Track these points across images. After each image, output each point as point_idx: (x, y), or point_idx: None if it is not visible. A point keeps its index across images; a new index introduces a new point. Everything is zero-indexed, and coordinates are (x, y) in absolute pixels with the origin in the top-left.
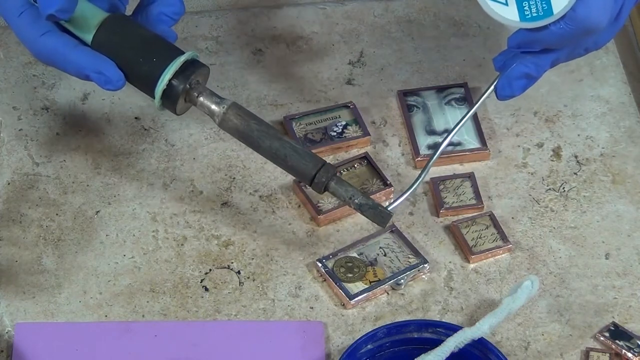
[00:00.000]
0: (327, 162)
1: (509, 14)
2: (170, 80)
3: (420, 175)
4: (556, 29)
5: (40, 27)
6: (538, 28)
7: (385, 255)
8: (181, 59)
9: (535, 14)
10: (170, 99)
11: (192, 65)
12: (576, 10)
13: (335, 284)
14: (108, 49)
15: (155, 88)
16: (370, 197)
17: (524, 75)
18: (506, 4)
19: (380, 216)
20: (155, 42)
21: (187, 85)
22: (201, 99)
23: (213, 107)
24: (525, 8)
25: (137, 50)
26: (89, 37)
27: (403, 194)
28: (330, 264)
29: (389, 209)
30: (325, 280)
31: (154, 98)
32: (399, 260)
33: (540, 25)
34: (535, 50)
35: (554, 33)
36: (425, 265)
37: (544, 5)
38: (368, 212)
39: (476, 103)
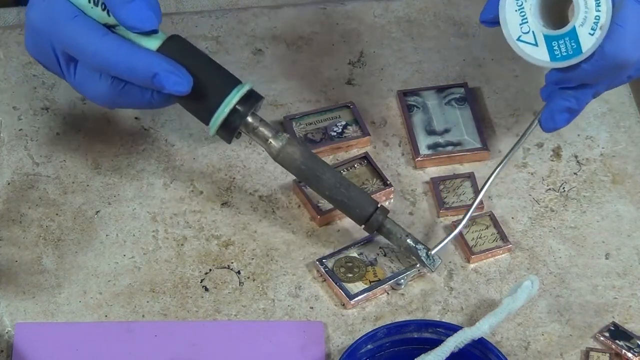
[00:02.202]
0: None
1: (540, 55)
2: (229, 112)
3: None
4: (587, 67)
5: (101, 28)
6: (570, 67)
7: (385, 255)
8: (241, 91)
9: (565, 53)
10: (227, 130)
11: (251, 97)
12: (604, 48)
13: (336, 284)
14: None
15: (213, 115)
16: (419, 241)
17: (566, 109)
18: (536, 44)
19: (431, 260)
20: (214, 69)
21: (247, 118)
22: (258, 131)
23: (271, 139)
24: (555, 48)
25: (198, 74)
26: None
27: (445, 238)
28: (330, 264)
29: (432, 251)
30: (325, 280)
31: (208, 124)
32: (399, 260)
33: (570, 64)
34: (572, 86)
35: (586, 71)
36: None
37: (573, 44)
38: (421, 253)
39: (522, 136)
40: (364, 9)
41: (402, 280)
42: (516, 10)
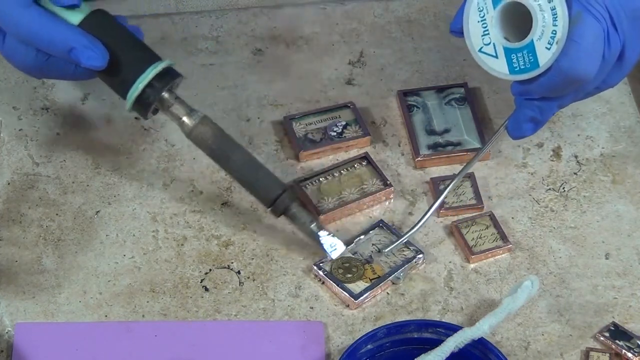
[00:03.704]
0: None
1: (499, 67)
2: (144, 88)
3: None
4: (544, 81)
5: (25, 0)
6: (529, 80)
7: (379, 251)
8: (157, 68)
9: (523, 67)
10: (142, 105)
11: (167, 74)
12: (560, 62)
13: (337, 285)
14: None
15: (128, 91)
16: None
17: (530, 119)
18: (496, 56)
19: (332, 246)
20: (134, 44)
21: (162, 94)
22: (172, 108)
23: (184, 117)
24: (513, 60)
25: (116, 49)
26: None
27: (402, 238)
28: (327, 267)
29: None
30: (324, 283)
31: (125, 99)
32: (394, 254)
33: (528, 77)
34: (535, 97)
35: (543, 84)
36: (420, 256)
37: (531, 58)
38: (323, 240)
39: (488, 143)
40: (364, 9)
41: (401, 275)
42: (478, 22)
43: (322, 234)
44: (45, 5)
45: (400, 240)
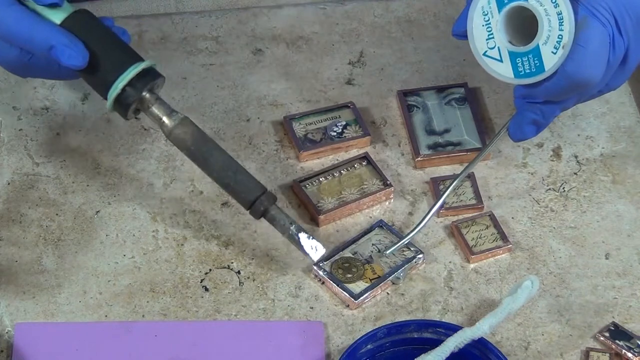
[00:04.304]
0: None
1: (504, 71)
2: (124, 88)
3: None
4: (549, 85)
5: (7, 0)
6: (533, 84)
7: (379, 251)
8: (137, 68)
9: (528, 71)
10: (122, 105)
11: (148, 74)
12: (566, 67)
13: (338, 285)
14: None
15: (108, 91)
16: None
17: (533, 122)
18: (501, 60)
19: (312, 249)
20: (116, 45)
21: (142, 94)
22: (153, 109)
23: (164, 118)
24: (519, 65)
25: (98, 49)
26: (56, 23)
27: (404, 239)
28: (327, 267)
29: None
30: (324, 283)
31: (106, 99)
32: (394, 254)
33: (533, 81)
34: (538, 101)
35: (548, 88)
36: (420, 256)
37: (536, 62)
38: (303, 243)
39: (489, 144)
40: (364, 9)
41: (401, 275)
42: (483, 26)
43: (302, 236)
44: (28, 4)
45: (402, 242)
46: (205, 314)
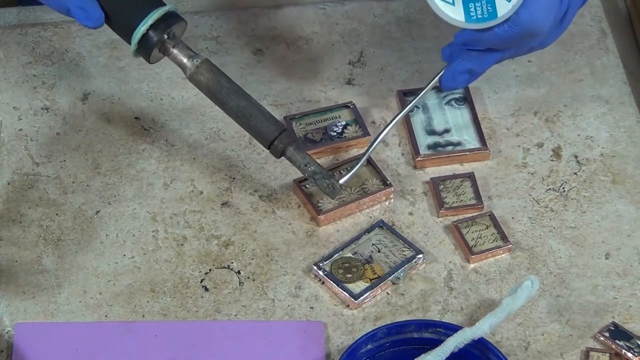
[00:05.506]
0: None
1: (455, 14)
2: (147, 30)
3: (371, 146)
4: (500, 32)
5: None
6: (483, 29)
7: (379, 251)
8: (160, 11)
9: (480, 16)
10: (145, 48)
11: (170, 17)
12: (519, 15)
13: (337, 285)
14: None
15: (132, 35)
16: (324, 168)
17: (467, 71)
18: (453, 3)
19: (331, 187)
20: None
21: (164, 36)
22: (175, 51)
23: (185, 60)
24: (471, 9)
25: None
26: None
27: (354, 167)
28: (327, 267)
29: (340, 181)
30: (324, 283)
31: (130, 44)
32: (394, 254)
33: (484, 27)
34: (480, 49)
35: (498, 35)
36: (420, 255)
37: (489, 8)
38: (321, 182)
39: (421, 92)
40: (364, 9)
41: (401, 275)
42: None
43: (318, 177)
44: None
45: (361, 162)
46: (205, 314)
